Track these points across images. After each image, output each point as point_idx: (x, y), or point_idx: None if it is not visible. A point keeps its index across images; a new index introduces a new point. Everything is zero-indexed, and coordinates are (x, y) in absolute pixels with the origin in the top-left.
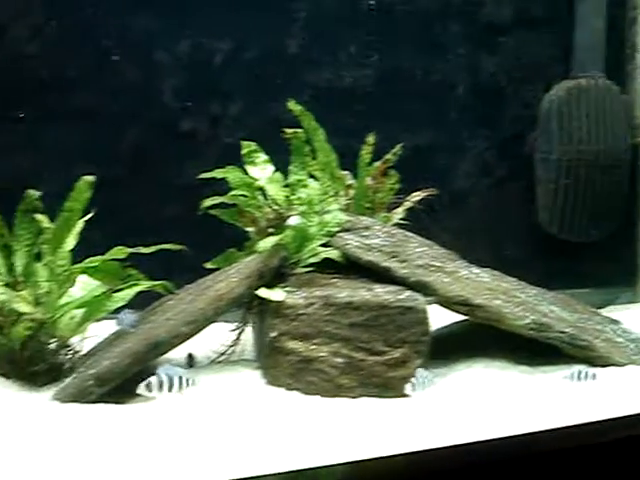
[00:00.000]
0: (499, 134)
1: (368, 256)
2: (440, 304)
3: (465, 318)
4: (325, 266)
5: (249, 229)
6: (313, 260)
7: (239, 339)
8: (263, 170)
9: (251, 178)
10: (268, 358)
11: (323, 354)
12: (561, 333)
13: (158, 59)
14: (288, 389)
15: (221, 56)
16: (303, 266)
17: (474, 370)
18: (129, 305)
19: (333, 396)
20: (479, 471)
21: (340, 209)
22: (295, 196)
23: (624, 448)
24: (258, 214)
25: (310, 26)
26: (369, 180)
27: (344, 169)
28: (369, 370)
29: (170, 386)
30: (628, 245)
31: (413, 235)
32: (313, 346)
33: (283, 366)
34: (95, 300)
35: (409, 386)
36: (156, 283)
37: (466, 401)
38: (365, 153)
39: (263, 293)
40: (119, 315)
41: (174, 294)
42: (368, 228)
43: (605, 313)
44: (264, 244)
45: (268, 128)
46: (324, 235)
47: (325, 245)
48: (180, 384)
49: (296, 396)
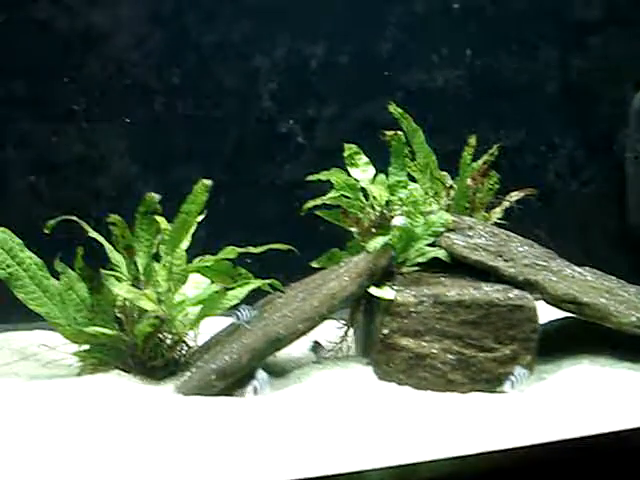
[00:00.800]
0: (589, 133)
1: (475, 255)
2: (547, 302)
3: (566, 315)
4: (430, 265)
5: (352, 229)
6: (420, 260)
7: (346, 336)
8: (364, 172)
9: (354, 179)
10: (380, 354)
11: (434, 351)
12: None
13: (256, 64)
14: (400, 384)
15: (316, 60)
16: (410, 265)
17: (580, 367)
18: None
19: (444, 391)
20: (587, 466)
21: (442, 209)
22: (395, 197)
23: None
24: (361, 215)
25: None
26: (469, 181)
27: (441, 169)
28: (479, 366)
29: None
30: None
31: (514, 234)
32: (424, 343)
33: (395, 362)
34: (211, 298)
35: (508, 384)
36: (266, 281)
37: (576, 397)
38: (467, 154)
39: (375, 292)
40: (237, 311)
41: (283, 292)
42: (471, 228)
43: None
44: (374, 244)
45: (361, 130)
46: (430, 235)
47: (431, 245)
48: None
49: (408, 391)
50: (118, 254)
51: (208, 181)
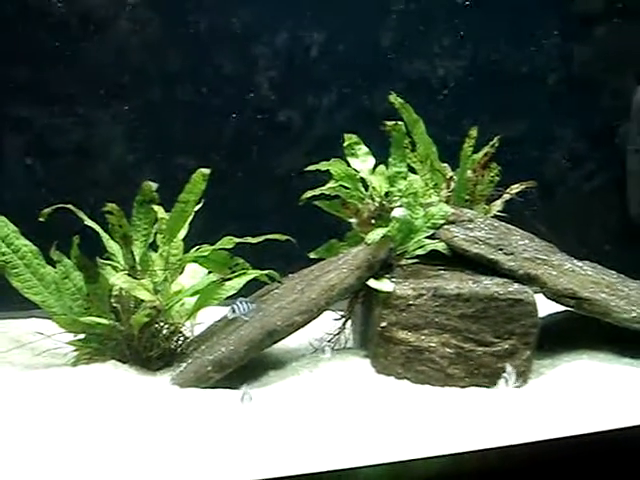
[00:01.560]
0: (591, 125)
1: (475, 249)
2: (547, 296)
3: (566, 309)
4: (429, 258)
5: (351, 220)
6: (419, 252)
7: (344, 328)
8: (364, 162)
9: (354, 170)
10: (378, 347)
11: (433, 344)
12: None
13: (255, 52)
14: (398, 378)
15: (316, 49)
16: (409, 258)
17: (580, 362)
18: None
19: (442, 385)
20: (585, 463)
21: (441, 201)
22: (395, 188)
23: None
24: (360, 206)
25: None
26: (470, 173)
27: (442, 161)
28: (478, 361)
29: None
30: None
31: (514, 228)
32: (423, 336)
33: (393, 355)
34: (208, 289)
35: (502, 382)
36: (264, 272)
37: (575, 393)
38: (467, 146)
39: (373, 284)
40: (234, 304)
41: (280, 283)
42: (471, 221)
43: None
44: (372, 236)
45: (362, 119)
46: (430, 227)
47: (431, 237)
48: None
49: (406, 384)
50: (115, 243)
51: (206, 170)
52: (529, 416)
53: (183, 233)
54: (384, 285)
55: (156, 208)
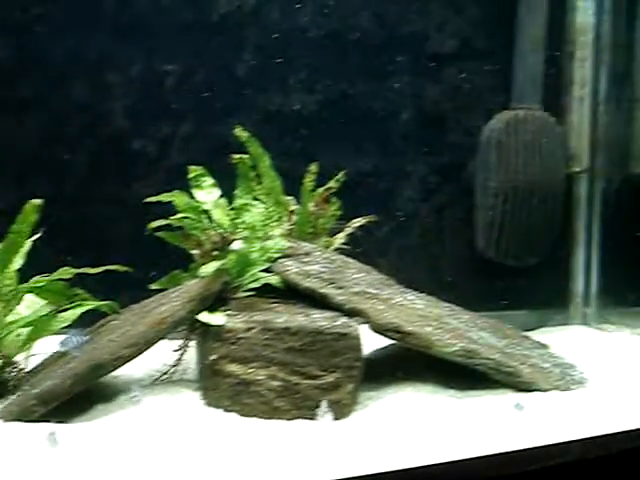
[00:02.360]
0: (440, 161)
1: (307, 282)
2: (373, 330)
3: (394, 343)
4: (267, 291)
5: (194, 252)
6: (254, 285)
7: (181, 359)
8: (209, 194)
9: (197, 202)
10: (208, 380)
11: (260, 377)
12: (488, 360)
13: (110, 80)
14: (226, 410)
15: (172, 79)
16: (244, 291)
17: (404, 394)
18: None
19: (269, 418)
20: None
21: (283, 234)
22: (240, 220)
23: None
24: (203, 237)
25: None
26: (312, 207)
27: (288, 194)
28: (304, 393)
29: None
30: (561, 270)
31: (353, 261)
32: (251, 369)
33: (222, 388)
34: (41, 320)
35: (319, 415)
36: (102, 303)
37: (397, 426)
38: (308, 181)
39: (204, 317)
40: (64, 338)
41: (119, 314)
42: (308, 254)
43: (537, 335)
44: (206, 269)
45: (217, 151)
46: (265, 260)
47: (267, 270)
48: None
49: (233, 417)
50: None
51: (38, 201)
52: (348, 448)
53: (19, 263)
54: (214, 318)
55: None
